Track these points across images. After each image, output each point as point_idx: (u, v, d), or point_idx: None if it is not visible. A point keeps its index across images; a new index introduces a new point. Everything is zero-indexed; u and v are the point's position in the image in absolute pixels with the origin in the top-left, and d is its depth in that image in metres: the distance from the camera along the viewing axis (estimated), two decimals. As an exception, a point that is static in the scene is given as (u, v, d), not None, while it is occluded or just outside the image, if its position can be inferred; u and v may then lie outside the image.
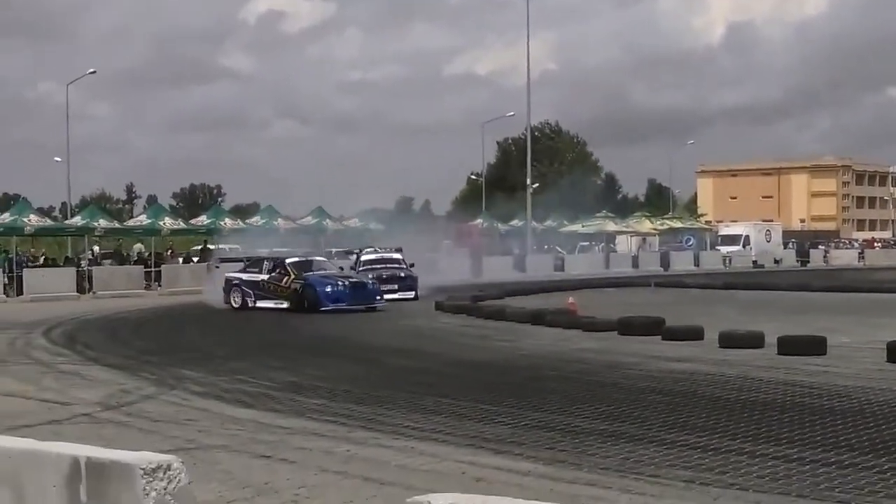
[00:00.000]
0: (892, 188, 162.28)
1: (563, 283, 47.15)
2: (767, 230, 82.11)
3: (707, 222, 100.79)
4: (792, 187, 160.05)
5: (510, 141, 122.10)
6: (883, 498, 8.66)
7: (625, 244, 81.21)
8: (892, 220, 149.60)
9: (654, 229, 79.44)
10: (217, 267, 37.71)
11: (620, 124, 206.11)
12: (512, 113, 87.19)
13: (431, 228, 67.58)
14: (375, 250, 41.83)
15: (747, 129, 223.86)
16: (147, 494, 4.21)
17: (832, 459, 10.07)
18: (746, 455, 10.35)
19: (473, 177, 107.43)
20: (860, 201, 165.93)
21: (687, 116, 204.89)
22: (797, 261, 78.25)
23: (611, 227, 76.11)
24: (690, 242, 78.08)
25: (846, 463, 9.91)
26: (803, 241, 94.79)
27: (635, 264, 67.27)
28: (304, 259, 36.25)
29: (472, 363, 18.96)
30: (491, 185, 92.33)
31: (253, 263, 36.31)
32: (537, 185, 72.36)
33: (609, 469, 9.86)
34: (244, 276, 35.47)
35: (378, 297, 34.02)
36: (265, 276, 34.71)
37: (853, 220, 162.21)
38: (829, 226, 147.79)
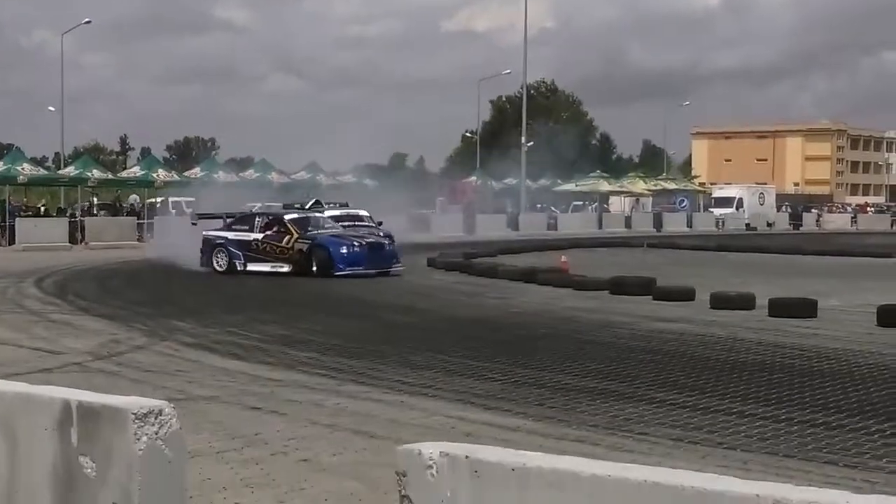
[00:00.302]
0: (886, 153, 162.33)
1: (556, 241, 47.15)
2: (761, 193, 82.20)
3: (701, 184, 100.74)
4: (786, 150, 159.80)
5: (504, 99, 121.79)
6: (869, 459, 8.71)
7: (618, 204, 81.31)
8: (886, 186, 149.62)
9: (648, 190, 79.51)
10: (194, 224, 33.19)
11: (616, 84, 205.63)
12: (508, 70, 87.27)
13: (425, 185, 67.51)
14: (338, 206, 37.15)
15: (743, 92, 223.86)
16: (138, 439, 4.22)
17: (820, 420, 10.12)
18: (735, 415, 10.40)
19: (468, 134, 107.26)
20: (854, 166, 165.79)
21: (683, 77, 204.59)
22: (790, 224, 78.39)
23: (604, 187, 76.15)
24: (684, 204, 78.19)
25: (834, 424, 9.96)
26: (797, 205, 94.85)
27: (628, 225, 67.37)
28: (304, 216, 31.60)
29: (464, 320, 18.99)
30: (485, 143, 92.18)
31: (239, 220, 31.51)
32: (532, 143, 72.26)
33: (598, 426, 9.91)
34: (230, 235, 30.44)
35: (395, 261, 30.01)
36: (258, 236, 29.93)
37: (847, 184, 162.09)
38: (823, 190, 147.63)
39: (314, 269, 28.57)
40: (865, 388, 11.88)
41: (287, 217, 30.67)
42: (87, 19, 70.75)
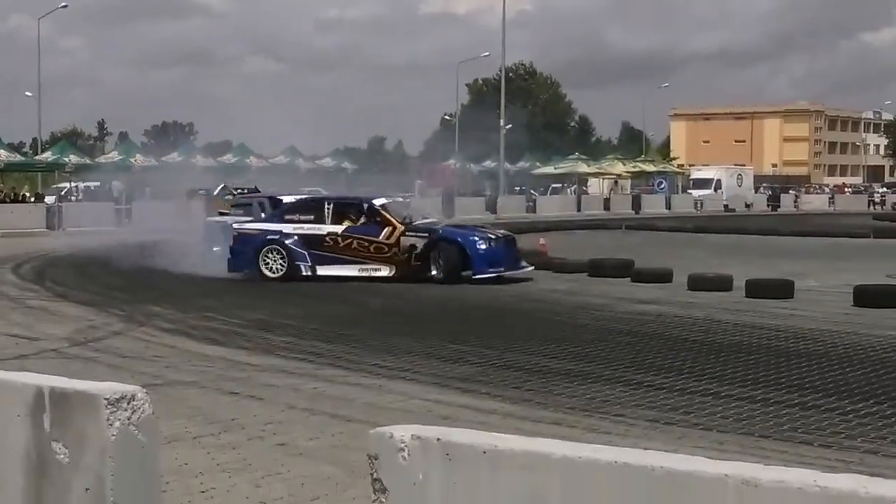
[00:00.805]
0: (863, 134, 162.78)
1: (535, 224, 47.19)
2: (739, 174, 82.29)
3: (679, 166, 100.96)
4: (764, 132, 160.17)
5: (481, 82, 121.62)
6: (844, 439, 8.76)
7: (597, 187, 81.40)
8: (864, 166, 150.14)
9: (627, 172, 79.65)
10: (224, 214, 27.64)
11: (595, 66, 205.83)
12: (487, 53, 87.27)
13: (404, 169, 67.44)
14: (247, 192, 32.83)
15: (722, 73, 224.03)
16: (111, 424, 4.22)
17: (796, 401, 10.17)
18: (711, 396, 10.44)
19: (447, 117, 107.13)
20: (832, 147, 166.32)
21: (662, 59, 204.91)
22: (768, 205, 78.55)
23: (583, 169, 76.24)
24: (662, 186, 78.26)
25: (809, 404, 10.01)
26: (774, 186, 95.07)
27: (607, 207, 67.42)
28: (392, 201, 24.99)
29: (442, 303, 19.01)
30: (464, 126, 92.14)
31: (296, 207, 24.29)
32: (510, 126, 72.26)
33: (575, 409, 9.94)
34: (288, 229, 23.04)
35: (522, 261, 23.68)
36: (335, 228, 22.85)
37: (824, 165, 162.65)
38: (801, 171, 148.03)
39: (433, 272, 21.90)
40: (842, 368, 11.94)
41: (377, 202, 23.48)
42: (63, 3, 70.31)
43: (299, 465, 7.93)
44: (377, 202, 23.37)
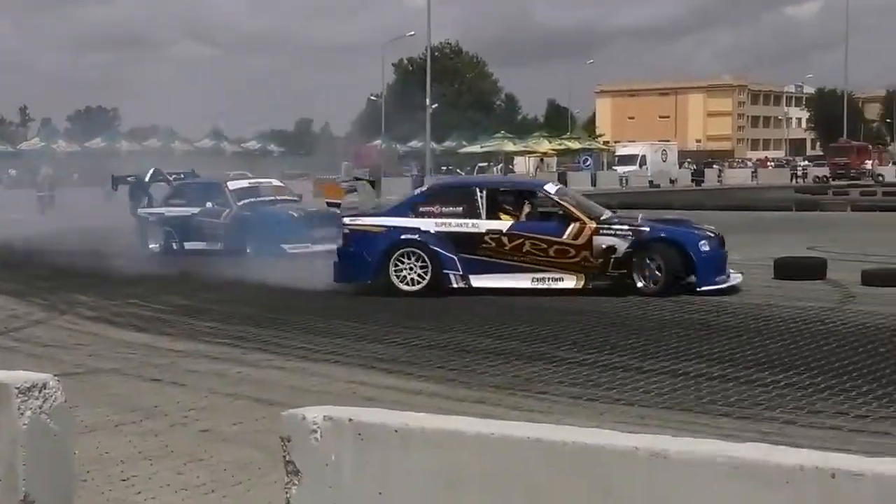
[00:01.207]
0: (786, 108, 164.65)
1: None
2: (664, 150, 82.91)
3: (605, 142, 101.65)
4: (689, 107, 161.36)
5: (407, 61, 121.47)
6: (763, 410, 8.88)
7: (523, 165, 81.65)
8: (786, 140, 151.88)
9: (553, 150, 79.97)
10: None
11: (521, 44, 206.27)
12: (412, 33, 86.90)
13: (331, 150, 67.28)
14: (182, 176, 29.48)
15: (647, 49, 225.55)
16: (22, 413, 4.19)
17: (716, 374, 10.29)
18: (633, 371, 10.54)
19: (373, 98, 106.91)
20: (755, 121, 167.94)
21: (588, 36, 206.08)
22: (692, 180, 79.19)
23: (509, 147, 76.45)
24: (588, 163, 78.72)
25: (730, 377, 10.14)
26: (699, 161, 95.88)
27: (533, 185, 67.58)
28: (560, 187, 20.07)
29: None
30: (391, 107, 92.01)
31: (435, 197, 17.95)
32: (437, 105, 72.27)
33: (499, 387, 9.99)
34: (427, 225, 17.10)
35: None
36: (496, 225, 16.97)
37: (748, 139, 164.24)
38: (725, 146, 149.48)
39: (640, 283, 16.26)
40: (762, 340, 12.08)
41: (550, 188, 18.29)
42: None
43: (222, 450, 7.91)
44: (550, 189, 18.16)
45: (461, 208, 17.25)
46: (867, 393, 9.37)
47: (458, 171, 72.28)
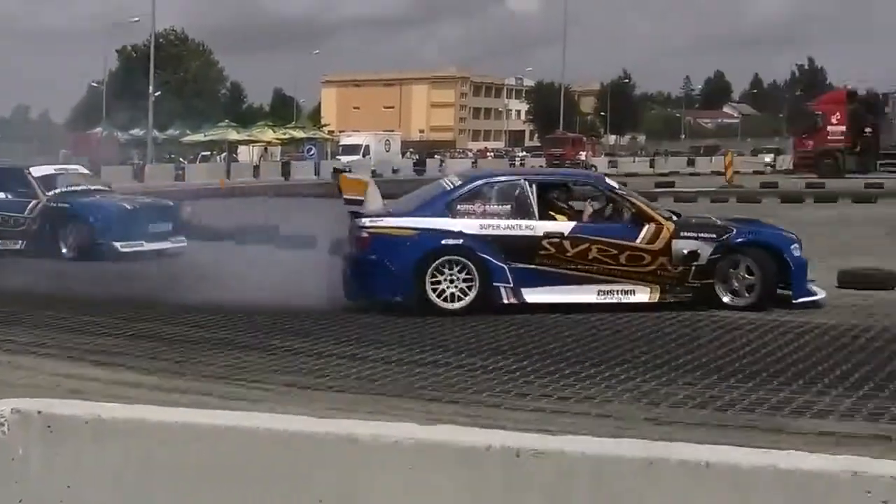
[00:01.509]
0: (506, 100, 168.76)
1: (185, 192, 46.49)
2: (387, 140, 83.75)
3: (330, 132, 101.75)
4: (413, 98, 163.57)
5: (131, 48, 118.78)
6: (472, 394, 9.12)
7: (246, 154, 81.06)
8: (506, 131, 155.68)
9: (277, 139, 79.55)
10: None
11: (248, 32, 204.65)
12: (137, 18, 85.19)
13: (49, 137, 65.28)
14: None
15: (375, 40, 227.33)
16: None
17: (428, 360, 10.49)
18: (347, 358, 10.65)
19: (94, 84, 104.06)
20: (476, 112, 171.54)
21: (315, 26, 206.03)
22: (414, 170, 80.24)
23: (233, 136, 75.58)
24: (312, 152, 78.66)
25: (441, 363, 10.37)
26: (421, 151, 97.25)
27: (256, 174, 67.20)
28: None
29: (69, 275, 18.02)
30: (112, 94, 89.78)
31: (473, 194, 14.23)
32: (160, 93, 70.95)
33: (212, 376, 9.93)
34: (471, 227, 13.80)
35: None
36: (556, 227, 13.94)
37: (469, 130, 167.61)
38: (447, 136, 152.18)
39: (725, 297, 13.64)
40: (474, 326, 12.36)
41: (612, 182, 15.23)
42: None
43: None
44: (613, 183, 15.20)
45: (510, 206, 14.08)
46: (571, 375, 9.74)
47: (181, 159, 71.08)
